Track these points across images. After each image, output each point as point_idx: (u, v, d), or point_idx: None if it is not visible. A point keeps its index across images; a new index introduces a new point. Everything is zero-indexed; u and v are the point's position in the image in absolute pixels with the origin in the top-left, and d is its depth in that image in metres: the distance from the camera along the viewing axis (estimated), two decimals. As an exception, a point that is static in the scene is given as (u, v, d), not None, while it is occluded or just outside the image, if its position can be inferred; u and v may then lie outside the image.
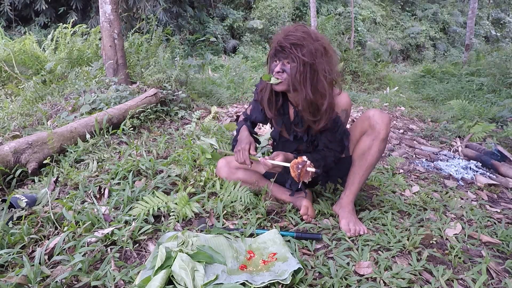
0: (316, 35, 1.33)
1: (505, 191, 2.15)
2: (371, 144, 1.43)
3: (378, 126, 1.41)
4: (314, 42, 1.30)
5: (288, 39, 1.29)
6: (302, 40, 1.29)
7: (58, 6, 9.03)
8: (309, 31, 1.32)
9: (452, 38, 17.32)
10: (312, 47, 1.29)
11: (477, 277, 1.18)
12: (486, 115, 3.77)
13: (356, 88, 6.92)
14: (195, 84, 4.01)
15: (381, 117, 1.41)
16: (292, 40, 1.29)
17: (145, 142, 2.34)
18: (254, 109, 1.62)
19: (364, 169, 1.46)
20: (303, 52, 1.29)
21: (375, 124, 1.41)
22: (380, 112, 1.43)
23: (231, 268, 1.14)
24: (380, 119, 1.41)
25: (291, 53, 1.29)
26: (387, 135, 1.42)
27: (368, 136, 1.44)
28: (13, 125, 2.56)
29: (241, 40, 12.67)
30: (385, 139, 1.43)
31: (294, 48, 1.29)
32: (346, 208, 1.50)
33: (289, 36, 1.30)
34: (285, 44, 1.29)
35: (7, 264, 1.13)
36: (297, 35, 1.29)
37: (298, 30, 1.31)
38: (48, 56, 4.20)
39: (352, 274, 1.17)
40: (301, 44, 1.29)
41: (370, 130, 1.43)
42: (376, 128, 1.41)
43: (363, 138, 1.46)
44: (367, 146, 1.44)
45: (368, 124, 1.43)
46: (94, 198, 1.57)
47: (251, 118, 1.65)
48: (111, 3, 3.28)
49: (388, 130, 1.42)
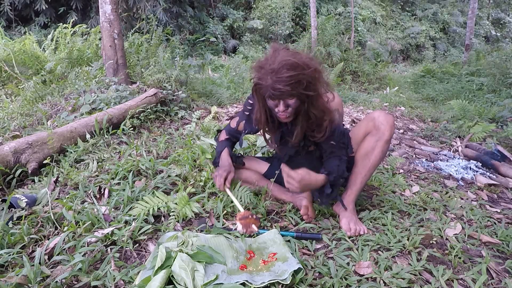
0: (305, 61, 1.21)
1: (505, 191, 2.15)
2: (375, 145, 1.44)
3: (383, 127, 1.42)
4: (307, 71, 1.21)
5: (282, 80, 1.18)
6: (297, 76, 1.18)
7: (58, 6, 9.03)
8: (297, 63, 1.19)
9: (452, 38, 17.31)
10: (309, 78, 1.22)
11: (477, 277, 1.18)
12: (486, 115, 3.77)
13: (356, 88, 6.92)
14: (195, 84, 4.01)
15: (386, 119, 1.43)
16: (288, 81, 1.18)
17: (145, 142, 2.34)
18: (245, 123, 1.58)
19: (367, 169, 1.47)
20: (303, 87, 1.21)
21: (380, 125, 1.43)
22: (385, 114, 1.45)
23: (231, 268, 1.14)
24: (385, 121, 1.43)
25: (292, 92, 1.21)
26: (391, 137, 1.44)
27: (373, 136, 1.45)
28: (13, 125, 2.56)
29: (241, 40, 12.67)
30: (389, 141, 1.44)
31: (293, 87, 1.20)
32: (346, 207, 1.50)
33: (281, 77, 1.18)
34: (282, 87, 1.19)
35: (7, 264, 1.13)
36: (290, 74, 1.17)
37: (286, 66, 1.18)
38: (48, 56, 4.20)
39: (352, 274, 1.17)
40: (298, 80, 1.19)
41: (375, 130, 1.44)
42: (381, 129, 1.43)
43: (367, 138, 1.47)
44: (371, 147, 1.45)
45: (373, 125, 1.45)
46: (94, 198, 1.57)
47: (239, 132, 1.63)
48: (111, 3, 3.27)
49: (393, 132, 1.44)
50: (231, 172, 1.55)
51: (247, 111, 1.56)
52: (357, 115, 4.19)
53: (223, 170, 1.53)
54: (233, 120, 1.66)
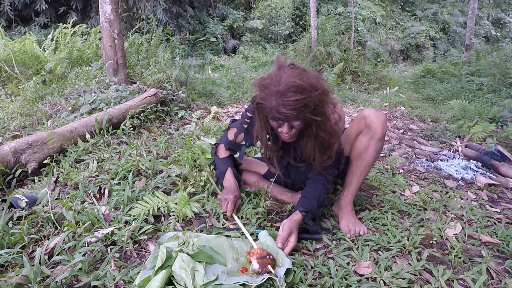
0: (311, 83, 1.13)
1: (505, 191, 2.15)
2: (368, 144, 1.41)
3: (374, 125, 1.39)
4: (315, 93, 1.13)
5: (288, 104, 1.11)
6: (304, 100, 1.11)
7: (58, 6, 9.03)
8: (303, 85, 1.11)
9: (452, 38, 17.31)
10: (316, 101, 1.15)
11: (477, 277, 1.18)
12: (486, 115, 3.77)
13: (356, 88, 6.92)
14: (195, 84, 4.02)
15: (377, 116, 1.39)
16: (294, 105, 1.11)
17: (145, 142, 2.34)
18: (244, 135, 1.53)
19: (362, 169, 1.45)
20: (309, 110, 1.14)
21: (371, 124, 1.39)
22: (376, 111, 1.41)
23: (231, 269, 1.14)
24: (376, 118, 1.39)
25: (298, 116, 1.14)
26: (383, 134, 1.40)
27: (365, 135, 1.42)
28: (13, 125, 2.56)
29: (241, 40, 12.68)
30: (382, 138, 1.41)
31: (299, 112, 1.13)
32: (345, 209, 1.50)
33: (287, 100, 1.10)
34: (287, 112, 1.12)
35: (7, 264, 1.13)
36: (297, 98, 1.10)
37: (292, 88, 1.10)
38: (48, 56, 4.21)
39: (352, 274, 1.17)
40: (304, 104, 1.12)
41: (367, 129, 1.41)
42: (372, 127, 1.39)
43: (360, 137, 1.44)
44: (364, 146, 1.42)
45: (364, 123, 1.41)
46: (94, 198, 1.57)
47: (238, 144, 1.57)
48: (111, 3, 3.27)
49: (385, 129, 1.40)
50: (239, 198, 1.51)
51: (246, 124, 1.50)
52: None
53: (233, 196, 1.47)
54: (230, 131, 1.58)
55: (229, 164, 1.58)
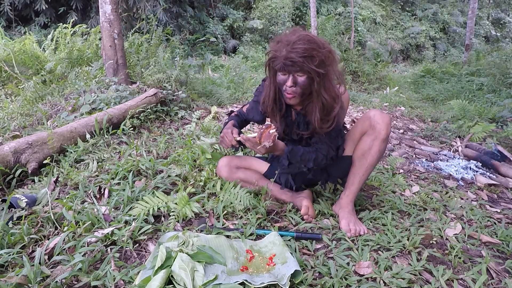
0: (321, 41, 1.28)
1: (505, 191, 2.15)
2: (371, 144, 1.43)
3: (378, 126, 1.41)
4: (323, 50, 1.25)
5: (296, 51, 1.22)
6: (312, 51, 1.23)
7: (58, 6, 9.03)
8: (314, 39, 1.26)
9: (452, 38, 17.31)
10: (322, 56, 1.25)
11: (477, 277, 1.18)
12: (486, 115, 3.77)
13: (356, 88, 6.92)
14: (195, 84, 4.01)
15: (382, 118, 1.42)
16: (302, 53, 1.22)
17: (145, 142, 2.34)
18: (252, 109, 1.61)
19: (364, 169, 1.47)
20: (315, 63, 1.24)
21: (375, 124, 1.42)
22: (381, 113, 1.44)
23: (231, 269, 1.14)
24: (381, 119, 1.41)
25: (304, 66, 1.24)
26: (387, 136, 1.43)
27: (369, 136, 1.44)
28: (13, 125, 2.56)
29: (241, 40, 12.67)
30: (385, 140, 1.43)
31: (306, 60, 1.23)
32: (346, 208, 1.50)
33: (297, 48, 1.23)
34: (295, 57, 1.23)
35: (7, 264, 1.13)
36: (306, 47, 1.22)
37: (303, 39, 1.24)
38: (48, 56, 4.20)
39: (352, 274, 1.17)
40: (312, 55, 1.23)
41: (371, 130, 1.43)
42: (376, 128, 1.41)
43: (364, 138, 1.46)
44: (367, 146, 1.44)
45: (369, 124, 1.44)
46: (94, 198, 1.57)
47: (248, 117, 1.65)
48: (111, 3, 3.27)
49: (389, 131, 1.43)
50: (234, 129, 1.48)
51: (256, 98, 1.59)
52: (357, 115, 4.19)
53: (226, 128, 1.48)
54: (244, 106, 1.71)
55: (233, 119, 1.64)
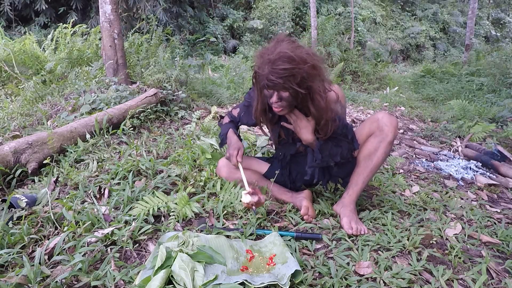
0: (303, 57, 1.20)
1: (505, 191, 2.15)
2: (378, 146, 1.45)
3: (386, 128, 1.43)
4: (304, 66, 1.20)
5: (276, 72, 1.18)
6: (292, 70, 1.18)
7: (58, 6, 9.03)
8: (294, 56, 1.18)
9: (452, 38, 17.31)
10: (304, 73, 1.21)
11: (477, 277, 1.18)
12: (486, 115, 3.77)
13: (356, 88, 6.92)
14: (195, 84, 4.01)
15: (390, 120, 1.44)
16: (282, 73, 1.18)
17: (145, 142, 2.34)
18: (245, 114, 1.63)
19: (369, 170, 1.48)
20: (296, 81, 1.21)
21: (383, 126, 1.43)
22: (389, 115, 1.46)
23: (231, 269, 1.14)
24: (389, 122, 1.43)
25: (285, 85, 1.21)
26: (394, 138, 1.45)
27: (376, 137, 1.45)
28: (13, 125, 2.56)
29: (241, 40, 12.67)
30: (392, 142, 1.45)
31: (286, 80, 1.20)
32: (348, 207, 1.50)
33: (276, 69, 1.18)
34: (275, 79, 1.19)
35: (7, 264, 1.13)
36: (285, 66, 1.17)
37: (283, 58, 1.18)
38: (48, 56, 4.20)
39: (352, 274, 1.17)
40: (292, 74, 1.19)
41: (378, 132, 1.45)
42: (384, 130, 1.43)
43: (370, 139, 1.48)
44: (373, 148, 1.46)
45: (377, 126, 1.45)
46: (94, 198, 1.57)
47: (241, 122, 1.67)
48: (111, 3, 3.27)
49: (396, 133, 1.45)
50: (241, 148, 1.57)
51: (247, 103, 1.60)
52: (357, 115, 4.19)
53: (233, 148, 1.55)
54: (234, 110, 1.72)
55: (231, 126, 1.67)
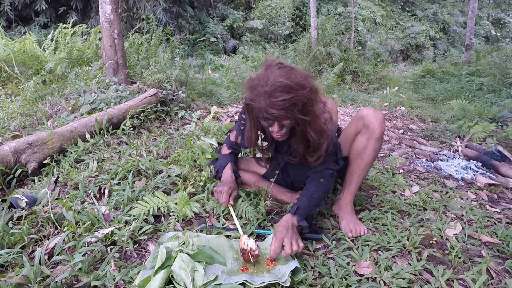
0: (300, 81, 1.12)
1: (505, 191, 2.15)
2: (366, 144, 1.42)
3: (372, 125, 1.39)
4: (303, 91, 1.12)
5: (276, 105, 1.10)
6: (291, 99, 1.10)
7: (58, 6, 9.03)
8: (292, 84, 1.10)
9: (452, 38, 17.31)
10: (304, 100, 1.13)
11: (477, 277, 1.18)
12: (486, 115, 3.77)
13: (356, 88, 6.92)
14: (195, 84, 4.01)
15: (375, 116, 1.39)
16: (282, 105, 1.10)
17: (145, 142, 2.34)
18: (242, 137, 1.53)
19: (361, 168, 1.46)
20: (298, 109, 1.13)
21: (369, 123, 1.39)
22: (373, 111, 1.41)
23: (231, 269, 1.14)
24: (374, 118, 1.39)
25: (287, 115, 1.13)
26: (382, 133, 1.40)
27: (363, 135, 1.42)
28: (13, 125, 2.56)
29: (241, 40, 12.68)
30: (380, 138, 1.41)
31: (288, 111, 1.12)
32: (345, 209, 1.50)
33: (275, 101, 1.09)
34: (275, 112, 1.11)
35: (7, 264, 1.13)
36: (285, 97, 1.09)
37: (280, 88, 1.09)
38: (48, 56, 4.20)
39: (352, 274, 1.17)
40: (293, 103, 1.11)
41: (365, 129, 1.41)
42: (370, 127, 1.39)
43: (358, 137, 1.44)
44: (362, 146, 1.43)
45: (363, 123, 1.41)
46: (94, 198, 1.57)
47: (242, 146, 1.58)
48: (111, 3, 3.27)
49: (383, 128, 1.40)
50: (235, 190, 1.50)
51: (242, 125, 1.51)
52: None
53: (227, 187, 1.47)
54: (231, 133, 1.63)
55: (230, 160, 1.61)
